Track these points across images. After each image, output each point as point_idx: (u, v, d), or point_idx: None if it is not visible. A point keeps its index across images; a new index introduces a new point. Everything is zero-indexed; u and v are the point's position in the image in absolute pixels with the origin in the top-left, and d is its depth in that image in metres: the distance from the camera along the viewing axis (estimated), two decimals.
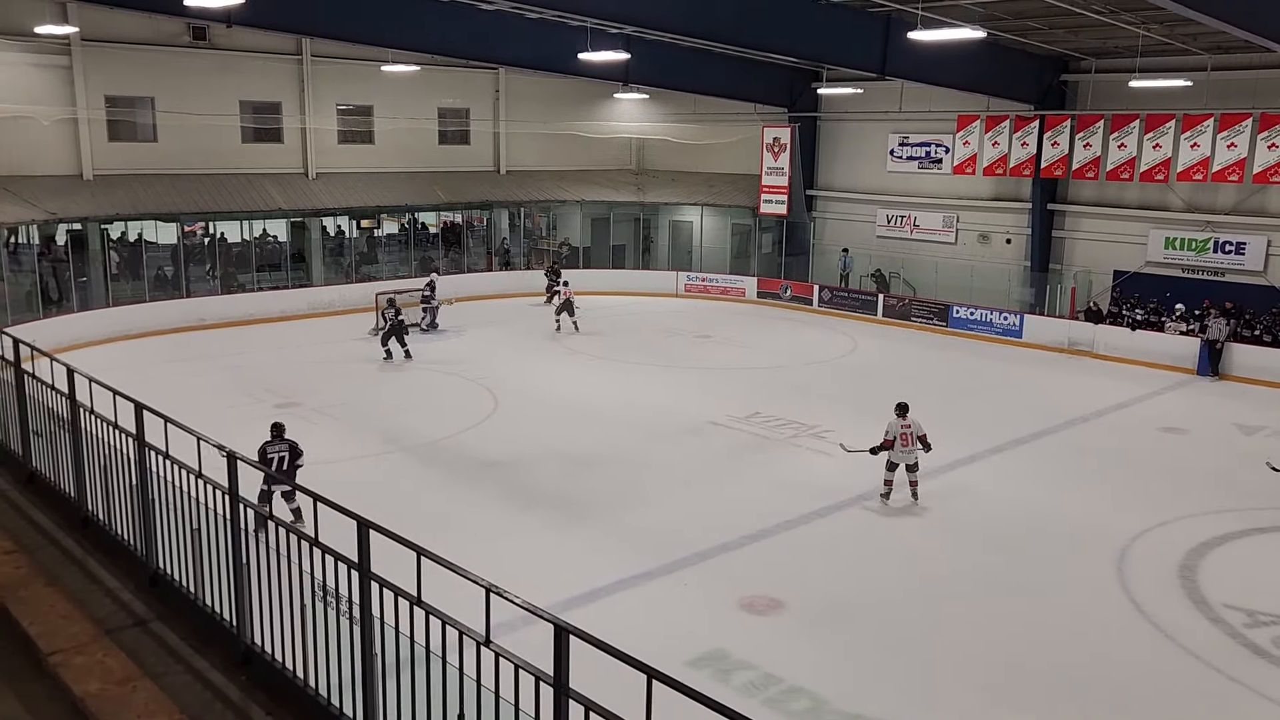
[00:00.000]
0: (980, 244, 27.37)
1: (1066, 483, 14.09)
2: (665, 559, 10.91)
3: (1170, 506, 13.03)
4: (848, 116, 29.51)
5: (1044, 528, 12.23)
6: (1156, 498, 13.42)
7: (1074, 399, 18.85)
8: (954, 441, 15.50)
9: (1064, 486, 13.92)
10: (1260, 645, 9.44)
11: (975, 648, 9.29)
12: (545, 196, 31.67)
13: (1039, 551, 11.54)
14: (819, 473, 14.15)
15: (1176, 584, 10.75)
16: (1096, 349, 22.95)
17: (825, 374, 21.13)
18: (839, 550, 11.54)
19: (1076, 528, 12.24)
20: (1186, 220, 23.44)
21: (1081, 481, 14.15)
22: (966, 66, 21.94)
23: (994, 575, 10.89)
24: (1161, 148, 22.75)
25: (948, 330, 25.65)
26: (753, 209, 30.98)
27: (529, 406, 17.40)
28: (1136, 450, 15.96)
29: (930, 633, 9.53)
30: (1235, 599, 10.32)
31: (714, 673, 8.47)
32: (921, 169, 28.25)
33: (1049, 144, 24.60)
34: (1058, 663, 9.05)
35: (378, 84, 27.70)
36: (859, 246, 29.35)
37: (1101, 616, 10.01)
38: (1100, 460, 15.28)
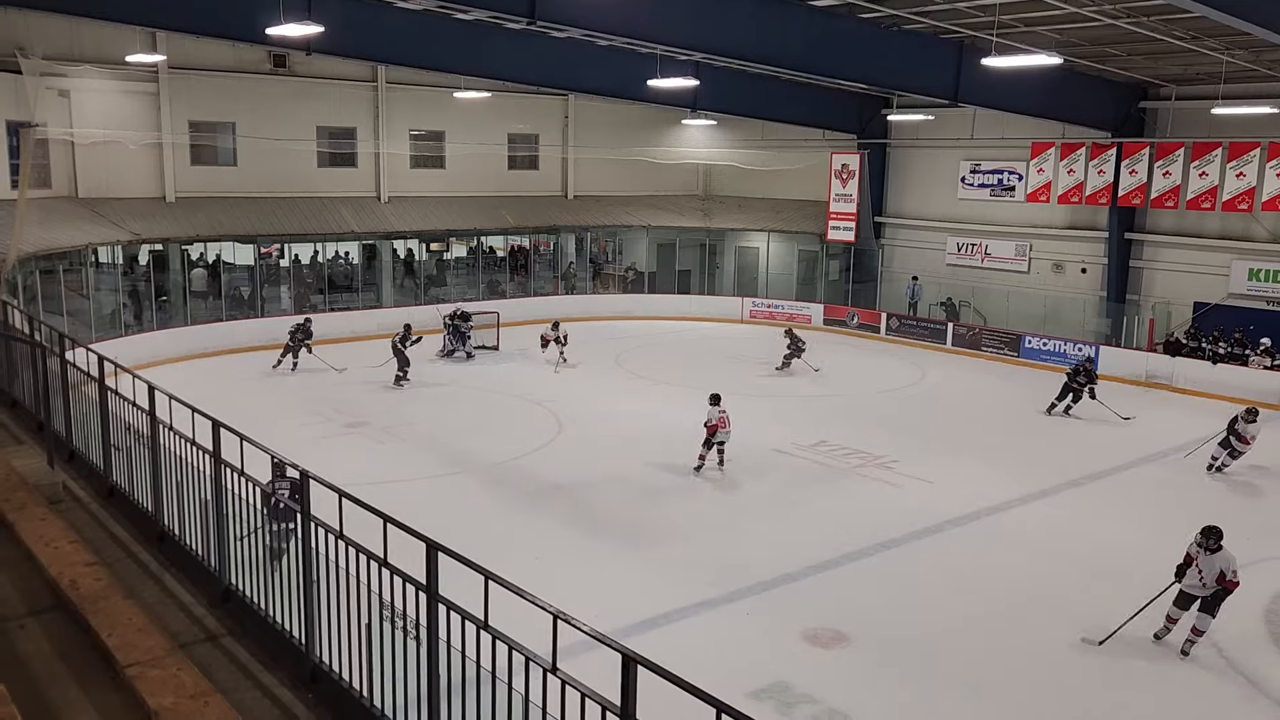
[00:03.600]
0: (1054, 273, 26.81)
1: (1146, 519, 13.64)
2: (728, 588, 10.80)
3: (1254, 548, 12.49)
4: (918, 143, 29.23)
5: (1121, 568, 11.82)
6: (1240, 537, 12.84)
7: (1152, 433, 18.28)
8: (1026, 475, 15.17)
9: (1141, 524, 13.47)
10: None
11: (1046, 691, 9.00)
12: (611, 221, 31.87)
13: (1115, 593, 11.14)
14: (885, 503, 13.91)
15: (1263, 629, 10.32)
16: (1176, 382, 22.27)
17: (892, 403, 20.82)
18: (904, 583, 11.30)
19: (1155, 570, 11.80)
20: (1271, 251, 22.69)
21: (1161, 518, 13.67)
22: (1041, 93, 21.58)
23: (1065, 615, 10.55)
24: (1245, 176, 22.09)
25: (1020, 360, 25.12)
26: (820, 235, 30.80)
27: (593, 431, 17.42)
28: (1219, 488, 15.40)
29: (998, 674, 9.26)
30: None
31: (776, 705, 8.33)
32: (993, 196, 27.82)
33: (1126, 172, 24.05)
34: (1131, 709, 8.72)
35: (449, 110, 28.22)
36: (928, 275, 28.96)
37: (1184, 663, 9.63)
38: (1180, 496, 14.77)
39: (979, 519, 13.44)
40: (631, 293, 31.68)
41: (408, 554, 4.01)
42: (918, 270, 29.18)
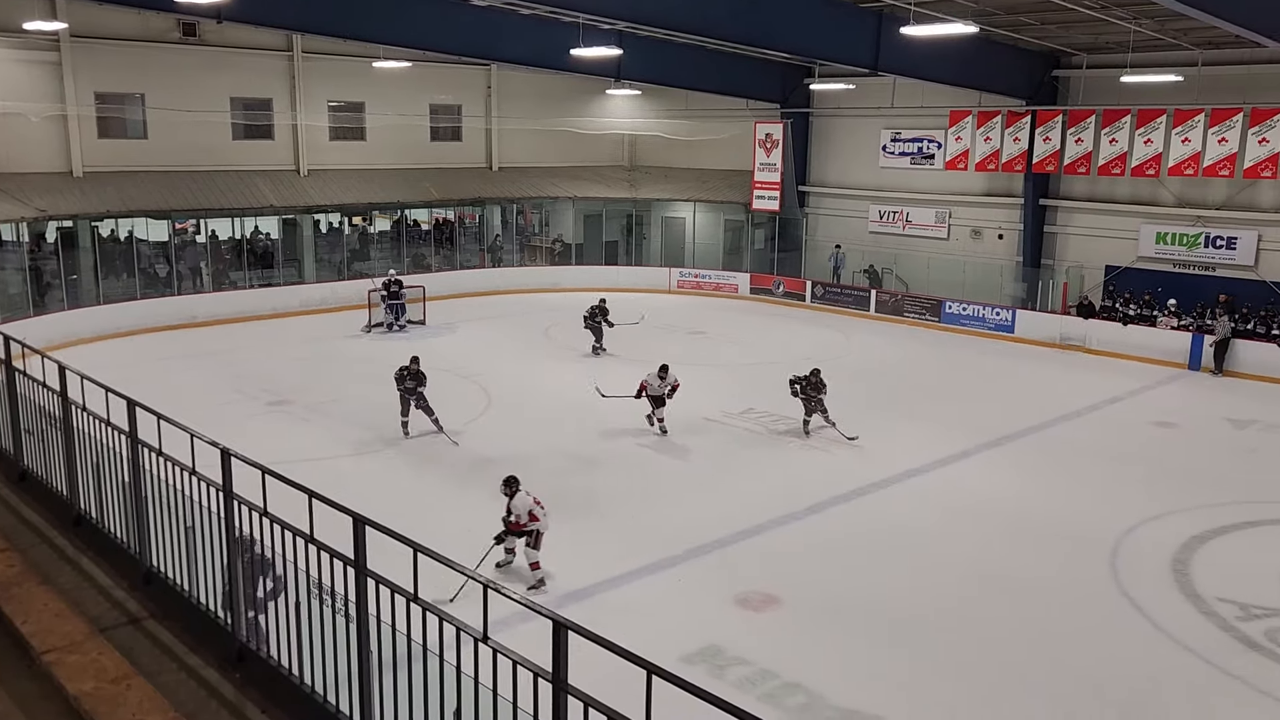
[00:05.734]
0: (973, 239, 27.40)
1: (1060, 478, 14.11)
2: (660, 555, 10.91)
3: (1163, 501, 13.07)
4: (840, 112, 29.51)
5: (1039, 523, 12.24)
6: (1149, 492, 13.46)
7: (1067, 394, 18.89)
8: (948, 437, 15.56)
9: (1058, 482, 13.94)
10: (1253, 638, 9.47)
11: (970, 644, 9.29)
12: (537, 193, 31.61)
13: (1034, 547, 11.56)
14: (813, 468, 14.16)
15: (1170, 578, 10.78)
16: (1089, 344, 23.02)
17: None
18: (834, 546, 11.54)
19: (1071, 523, 12.26)
20: (1178, 215, 23.50)
21: (1075, 476, 14.18)
22: (959, 62, 21.93)
23: (989, 572, 10.90)
24: (1153, 143, 22.79)
25: (940, 326, 25.69)
26: (745, 205, 30.97)
27: (523, 403, 17.38)
28: (1129, 445, 16.00)
29: (925, 629, 9.53)
30: (1227, 592, 10.36)
31: (709, 669, 8.47)
32: (914, 165, 28.26)
33: (1041, 139, 24.63)
34: (1052, 659, 9.07)
35: (369, 80, 27.63)
36: (851, 242, 29.37)
37: (1096, 611, 10.03)
38: (1093, 455, 15.31)
39: (904, 481, 13.77)
40: (559, 265, 31.53)
41: (335, 530, 3.97)
42: (841, 238, 29.56)
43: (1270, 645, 9.33)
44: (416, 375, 15.11)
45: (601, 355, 21.16)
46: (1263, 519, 12.60)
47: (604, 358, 20.84)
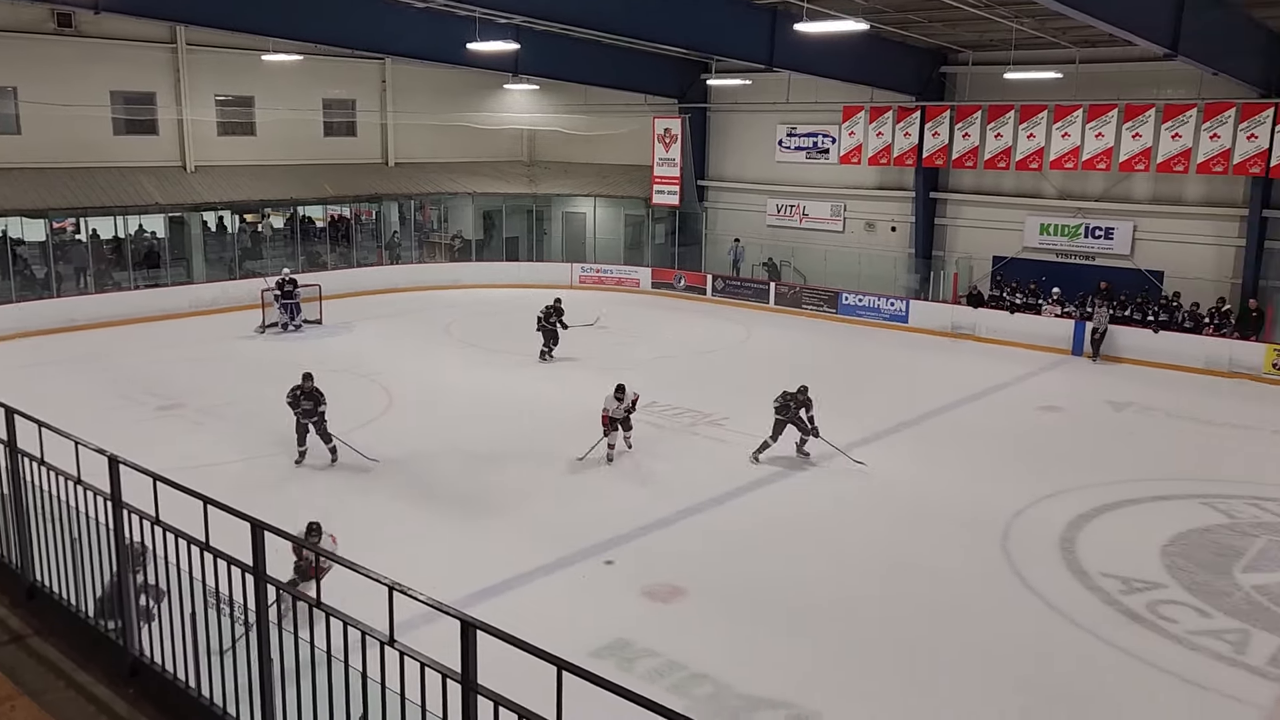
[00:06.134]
0: (867, 232, 28.08)
1: (954, 462, 14.58)
2: (565, 551, 10.90)
3: (1050, 482, 13.61)
4: (737, 107, 29.88)
5: (934, 507, 12.63)
6: (1037, 474, 14.01)
7: (959, 381, 19.53)
8: (846, 425, 15.88)
9: (952, 466, 14.40)
10: (1135, 610, 9.95)
11: (872, 628, 9.54)
12: (436, 189, 31.18)
13: (930, 530, 11.93)
14: (717, 460, 14.32)
15: (1058, 556, 11.24)
16: (979, 332, 23.83)
17: (721, 362, 21.41)
18: (738, 536, 11.70)
19: (965, 506, 12.68)
20: (1060, 207, 24.52)
21: (968, 460, 14.68)
22: (850, 58, 22.44)
23: (888, 556, 11.21)
24: (1035, 137, 23.70)
25: (838, 317, 26.26)
26: (645, 200, 31.12)
27: (425, 402, 17.14)
28: (1018, 429, 16.63)
29: (829, 615, 9.74)
30: (1111, 568, 10.86)
31: (618, 662, 8.50)
32: (809, 159, 28.81)
33: (930, 134, 25.37)
34: (952, 638, 9.37)
35: (258, 74, 26.82)
36: (750, 236, 29.79)
37: (991, 591, 10.41)
38: (985, 439, 15.87)
39: (806, 469, 14.05)
40: (459, 261, 31.17)
41: (232, 537, 3.86)
42: (740, 232, 29.96)
43: (1151, 617, 9.82)
44: (313, 394, 13.26)
45: (548, 361, 20.31)
46: (1141, 496, 13.24)
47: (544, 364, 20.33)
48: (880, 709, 8.02)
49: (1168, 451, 15.55)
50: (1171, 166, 21.90)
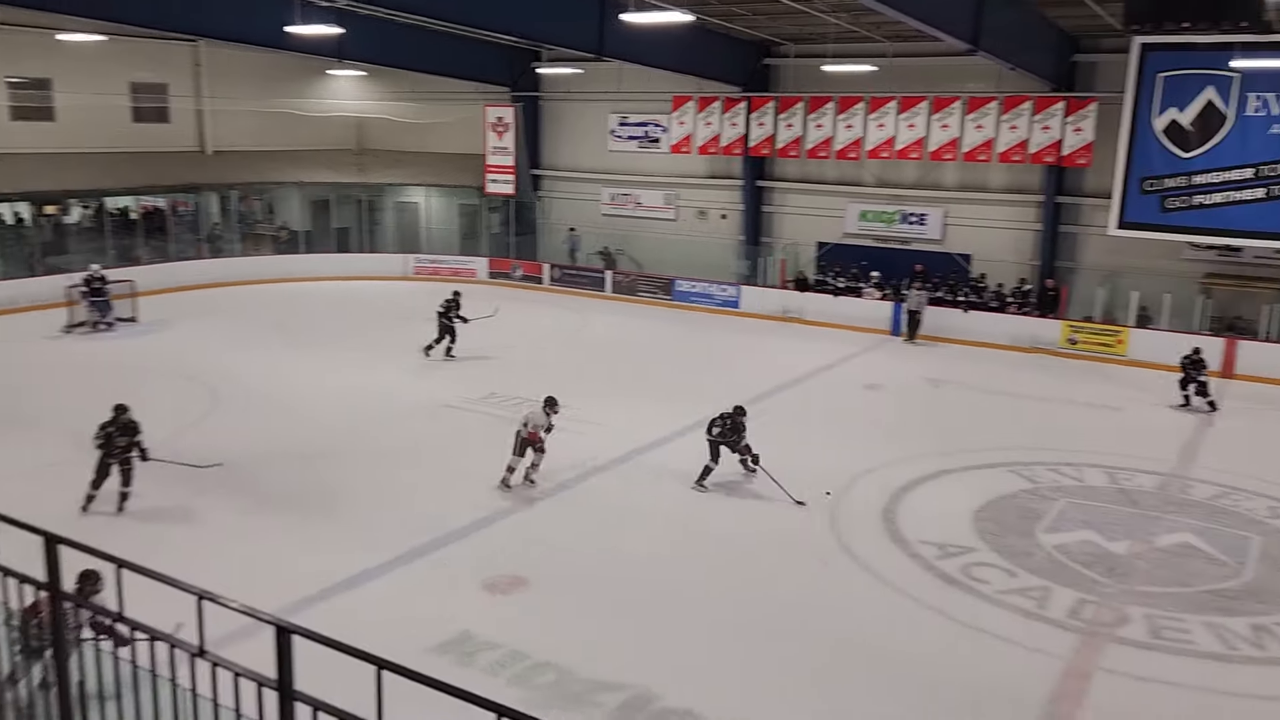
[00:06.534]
0: (699, 220, 28.68)
1: (787, 441, 15.06)
2: (405, 547, 10.72)
3: (874, 456, 14.30)
4: (570, 96, 29.90)
5: (769, 485, 13.02)
6: (861, 448, 14.69)
7: (789, 363, 20.22)
8: (684, 409, 16.21)
9: (785, 445, 14.85)
10: (950, 574, 10.59)
11: (711, 605, 9.79)
12: (259, 178, 29.89)
13: (764, 508, 12.32)
14: (558, 448, 14.31)
15: (880, 526, 11.84)
16: (806, 315, 24.74)
17: (559, 351, 21.44)
18: (580, 523, 11.79)
19: (796, 483, 13.13)
20: (877, 195, 25.71)
21: (800, 439, 15.22)
22: (679, 49, 22.81)
23: (727, 535, 11.52)
24: (853, 128, 24.76)
25: (673, 304, 26.72)
26: (480, 189, 30.76)
27: (252, 401, 16.44)
28: (844, 406, 17.38)
29: (671, 595, 9.94)
30: (929, 535, 11.52)
31: (458, 657, 8.45)
32: (642, 148, 29.15)
33: (755, 124, 26.11)
34: (784, 610, 9.72)
35: (57, 55, 24.98)
36: (586, 225, 29.92)
37: (823, 563, 10.85)
38: (814, 418, 16.53)
39: (645, 453, 14.27)
40: (285, 254, 29.97)
41: (25, 552, 3.62)
42: (575, 221, 30.05)
43: (964, 579, 10.47)
44: (128, 427, 11.30)
45: (434, 358, 19.52)
46: (955, 467, 14.09)
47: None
48: (715, 683, 8.25)
49: (978, 424, 16.60)
50: (976, 156, 23.33)
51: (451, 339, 19.63)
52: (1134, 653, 9.06)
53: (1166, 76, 20.64)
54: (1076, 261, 23.62)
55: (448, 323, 19.57)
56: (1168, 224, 21.23)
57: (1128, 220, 21.63)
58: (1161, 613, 9.77)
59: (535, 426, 12.55)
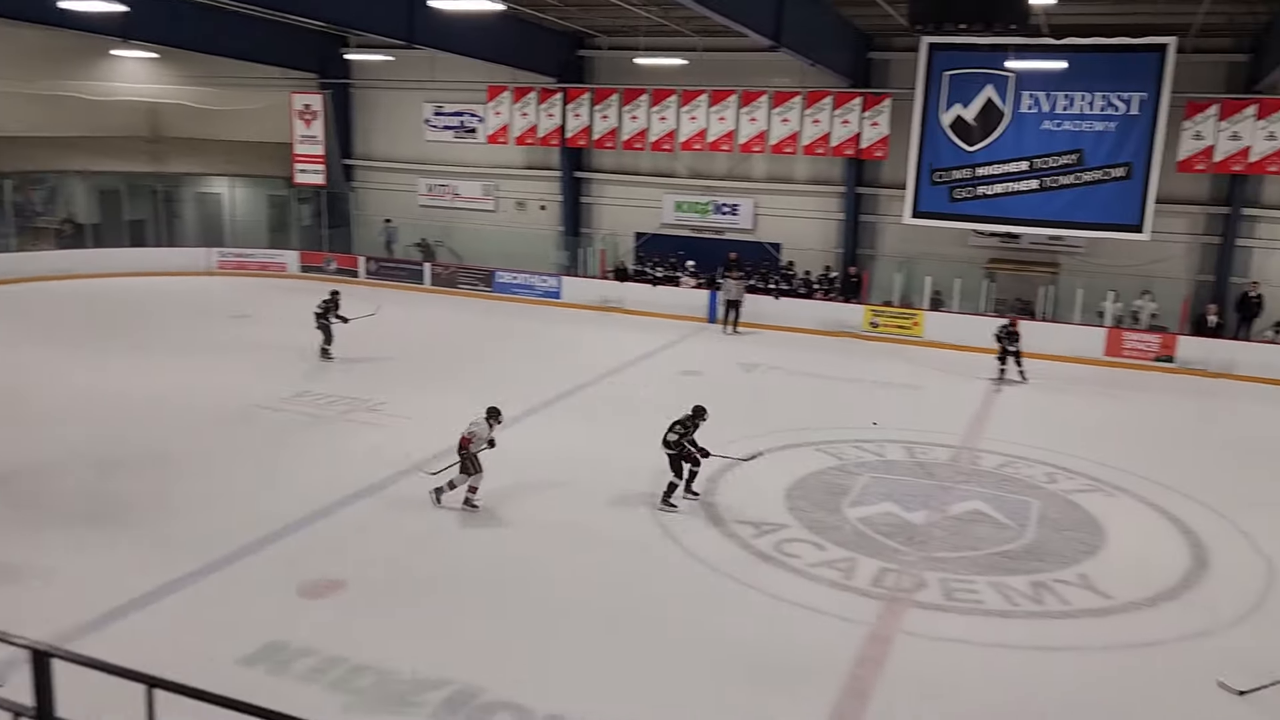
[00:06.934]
0: (518, 211, 28.57)
1: (610, 430, 15.32)
2: (214, 555, 10.21)
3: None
4: (382, 84, 29.15)
5: (591, 474, 13.17)
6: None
7: (610, 352, 20.48)
8: (509, 401, 16.15)
9: (607, 433, 15.11)
10: (765, 551, 11.01)
11: (534, 597, 9.81)
12: (37, 166, 27.64)
13: (589, 496, 12.42)
14: (375, 446, 14.02)
15: (700, 510, 12.17)
16: (626, 305, 25.10)
17: (377, 345, 20.88)
18: (398, 520, 11.55)
19: (619, 471, 13.35)
20: (692, 186, 26.34)
21: (623, 427, 15.43)
22: (491, 39, 22.61)
23: (551, 524, 11.54)
24: (667, 120, 25.25)
25: (494, 295, 26.54)
26: (288, 179, 29.55)
27: (36, 406, 15.22)
28: (664, 394, 17.68)
29: (492, 589, 9.90)
30: (744, 515, 11.93)
31: (270, 666, 8.14)
32: (458, 138, 28.75)
33: (572, 115, 26.22)
34: (607, 596, 9.85)
35: None
36: (403, 216, 29.29)
37: (640, 547, 11.06)
38: (636, 406, 16.78)
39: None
40: (69, 248, 27.87)
41: None
42: (392, 212, 29.37)
43: (778, 555, 10.91)
44: None
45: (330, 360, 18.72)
46: (768, 447, 14.57)
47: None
48: (539, 674, 8.31)
49: (789, 405, 17.30)
50: (783, 149, 24.25)
51: (328, 340, 18.87)
52: (930, 615, 9.70)
53: (952, 75, 22.09)
54: (876, 249, 24.98)
55: (326, 323, 18.78)
56: (956, 213, 22.77)
57: (920, 210, 23.07)
58: (954, 576, 10.50)
59: (470, 434, 11.71)
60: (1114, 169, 21.30)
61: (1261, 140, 20.43)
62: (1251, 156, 20.57)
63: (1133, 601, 10.05)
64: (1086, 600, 10.06)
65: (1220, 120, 20.67)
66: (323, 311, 18.75)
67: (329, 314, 18.74)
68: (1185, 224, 22.27)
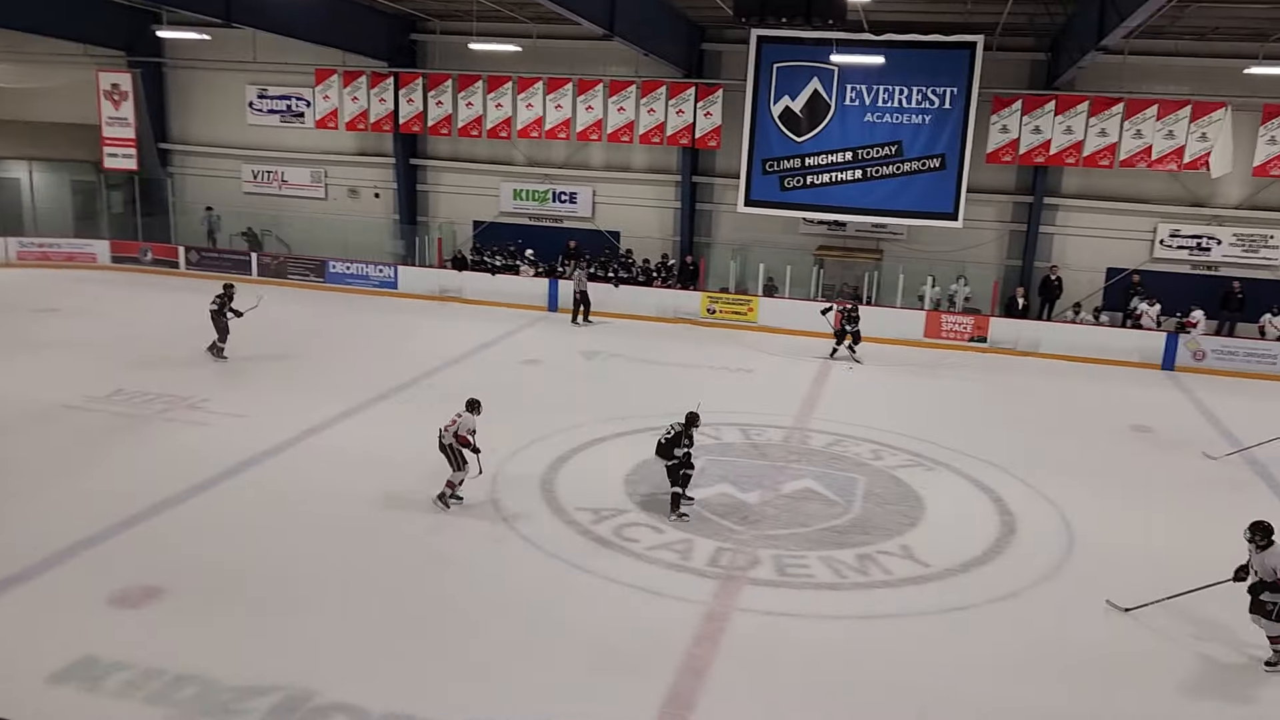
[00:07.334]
0: (351, 199, 27.73)
1: (446, 420, 15.04)
2: (16, 567, 9.50)
3: (534, 429, 14.60)
4: (200, 64, 27.68)
5: (424, 466, 12.90)
6: (524, 423, 14.93)
7: (449, 342, 20.16)
8: (338, 395, 15.72)
9: (444, 422, 14.84)
10: (605, 536, 11.10)
11: (368, 595, 9.57)
12: None
13: (424, 488, 12.19)
14: (196, 445, 13.36)
15: (539, 496, 12.16)
16: (465, 294, 24.76)
17: (198, 339, 19.86)
18: (221, 522, 11.04)
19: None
20: (530, 174, 26.19)
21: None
22: (317, 19, 21.83)
23: (375, 522, 11.29)
24: (503, 107, 25.00)
25: (326, 286, 25.69)
26: (96, 164, 27.68)
27: None
28: (504, 383, 17.59)
29: (322, 589, 9.59)
30: (584, 502, 11.99)
31: (81, 683, 7.64)
32: (284, 123, 27.63)
33: (405, 100, 25.60)
34: (446, 589, 9.70)
35: None
36: (226, 204, 27.96)
37: (480, 537, 10.95)
38: (474, 395, 16.56)
39: (296, 445, 13.61)
40: None
41: None
42: (214, 200, 27.99)
43: (617, 540, 11.03)
44: None
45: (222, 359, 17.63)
46: (609, 434, 14.77)
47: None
48: (376, 674, 8.12)
49: (629, 392, 17.48)
50: (619, 137, 24.42)
51: (222, 337, 17.87)
52: (764, 591, 10.02)
53: (780, 67, 22.75)
54: (712, 237, 25.52)
55: (221, 318, 17.75)
56: (786, 201, 23.52)
57: (753, 199, 23.71)
58: (787, 552, 10.88)
59: (466, 431, 11.55)
60: (930, 160, 22.46)
61: (1060, 134, 21.95)
62: (1052, 149, 22.08)
63: (948, 568, 10.67)
64: (907, 569, 10.62)
65: (1024, 115, 22.10)
66: (218, 307, 17.80)
67: (224, 309, 17.81)
68: (994, 212, 23.71)
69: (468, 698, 7.85)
